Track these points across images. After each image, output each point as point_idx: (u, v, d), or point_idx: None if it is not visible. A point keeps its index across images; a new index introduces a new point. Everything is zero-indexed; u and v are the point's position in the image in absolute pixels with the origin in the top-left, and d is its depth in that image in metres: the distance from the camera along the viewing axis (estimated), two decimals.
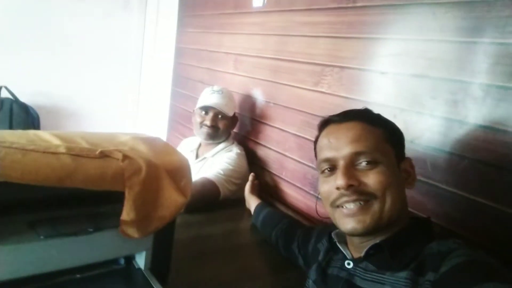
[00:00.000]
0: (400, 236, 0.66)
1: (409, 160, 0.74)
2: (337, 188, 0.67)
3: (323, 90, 1.29)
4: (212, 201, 1.37)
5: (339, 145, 0.69)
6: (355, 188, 0.66)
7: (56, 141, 0.70)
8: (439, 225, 0.93)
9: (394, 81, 1.05)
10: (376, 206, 0.65)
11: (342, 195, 0.67)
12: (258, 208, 1.30)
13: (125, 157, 0.71)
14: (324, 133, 0.74)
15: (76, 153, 0.67)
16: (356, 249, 0.72)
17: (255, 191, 1.43)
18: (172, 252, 0.86)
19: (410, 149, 0.99)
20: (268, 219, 1.21)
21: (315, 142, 0.77)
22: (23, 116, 2.53)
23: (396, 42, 1.05)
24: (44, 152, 0.65)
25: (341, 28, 1.22)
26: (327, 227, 0.89)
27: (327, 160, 0.70)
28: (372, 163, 0.66)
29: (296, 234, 1.03)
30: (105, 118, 3.04)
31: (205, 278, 0.96)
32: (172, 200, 0.75)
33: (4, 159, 0.59)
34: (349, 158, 0.67)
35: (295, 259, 1.02)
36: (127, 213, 0.70)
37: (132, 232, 0.73)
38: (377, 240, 0.67)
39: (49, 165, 0.62)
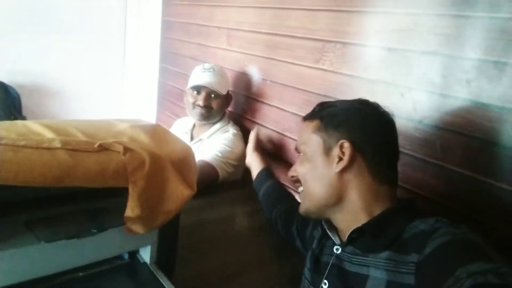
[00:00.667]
0: (381, 218, 0.67)
1: (341, 143, 0.70)
2: None
3: (324, 67, 1.23)
4: (211, 184, 1.34)
5: None
6: (295, 178, 0.78)
7: (49, 134, 0.64)
8: (451, 207, 0.91)
9: (402, 58, 1.00)
10: (304, 191, 0.76)
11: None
12: (262, 175, 1.24)
13: (126, 149, 0.65)
14: None
15: (72, 148, 0.61)
16: (342, 234, 0.73)
17: (259, 148, 1.35)
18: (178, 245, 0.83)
19: (418, 129, 0.97)
20: (271, 195, 1.18)
21: None
22: (3, 96, 2.40)
23: (405, 16, 0.99)
24: (37, 148, 0.59)
25: (344, 1, 1.16)
26: None
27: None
28: (302, 155, 0.77)
29: (296, 217, 1.02)
30: (89, 95, 2.92)
31: (211, 268, 0.94)
32: (178, 193, 0.71)
33: None
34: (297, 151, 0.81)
35: (292, 240, 1.01)
36: (131, 209, 0.66)
37: (137, 228, 0.69)
38: (359, 224, 0.67)
39: (45, 163, 0.57)
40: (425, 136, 0.95)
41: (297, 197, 1.31)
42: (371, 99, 0.78)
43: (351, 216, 0.70)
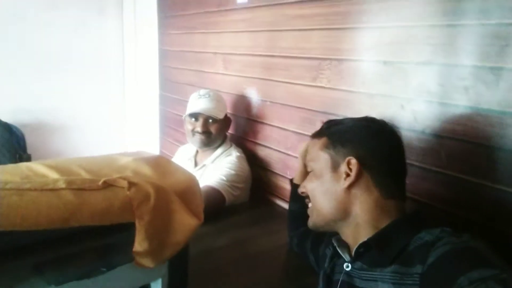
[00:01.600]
0: (386, 231, 0.67)
1: (348, 159, 0.72)
2: None
3: (322, 84, 1.24)
4: (218, 209, 1.33)
5: None
6: (305, 194, 0.81)
7: (53, 175, 0.64)
8: (459, 215, 0.90)
9: (399, 70, 1.01)
10: (312, 206, 0.79)
11: None
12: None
13: (131, 184, 0.65)
14: None
15: (77, 187, 0.61)
16: (352, 250, 0.73)
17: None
18: (188, 275, 0.82)
19: (421, 139, 0.97)
20: (301, 214, 1.08)
21: None
22: (7, 136, 2.43)
23: (397, 29, 1.01)
24: (42, 190, 0.59)
25: (336, 19, 1.18)
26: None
27: None
28: (311, 172, 0.79)
29: (310, 234, 1.01)
30: (92, 129, 2.95)
31: None
32: (185, 224, 0.71)
33: (0, 204, 0.54)
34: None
35: (306, 257, 1.00)
36: (139, 244, 0.65)
37: (147, 262, 0.68)
38: (365, 238, 0.68)
39: (50, 205, 0.57)
40: (428, 146, 0.95)
41: None
42: (372, 112, 0.79)
43: (358, 230, 0.71)
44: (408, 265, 0.59)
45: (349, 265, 0.71)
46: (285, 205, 1.43)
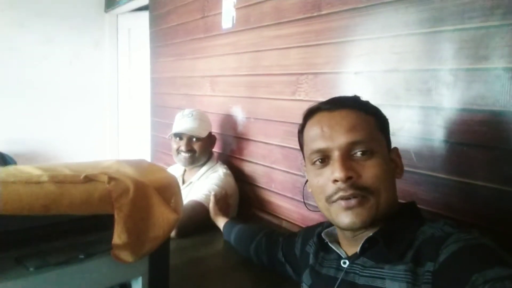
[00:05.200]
0: (392, 225, 0.64)
1: (396, 149, 0.73)
2: (335, 181, 0.63)
3: (300, 98, 1.31)
4: (204, 222, 1.35)
5: (334, 134, 0.65)
6: (353, 181, 0.62)
7: (37, 172, 0.68)
8: (432, 212, 0.93)
9: (368, 79, 1.08)
10: (372, 201, 0.63)
11: (338, 190, 0.63)
12: (227, 225, 1.24)
13: (111, 178, 0.69)
14: (314, 121, 0.69)
15: (59, 180, 0.65)
16: (350, 246, 0.70)
17: (220, 211, 1.34)
18: (169, 275, 0.84)
19: (393, 142, 1.01)
20: (242, 235, 1.15)
21: (301, 131, 0.73)
22: (1, 165, 2.45)
23: (364, 42, 1.09)
24: (26, 183, 0.63)
25: (310, 37, 1.26)
26: (310, 228, 0.89)
27: (320, 150, 0.66)
28: (368, 154, 0.63)
29: (279, 243, 0.99)
30: (85, 158, 2.98)
31: None
32: (164, 218, 0.74)
33: None
34: (345, 149, 0.64)
35: (282, 268, 0.97)
36: (118, 236, 0.68)
37: (126, 256, 0.70)
38: (370, 233, 0.64)
39: (32, 194, 0.60)
40: (399, 147, 0.99)
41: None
42: None
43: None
44: (418, 263, 0.57)
45: (347, 261, 0.67)
46: (271, 218, 1.45)
